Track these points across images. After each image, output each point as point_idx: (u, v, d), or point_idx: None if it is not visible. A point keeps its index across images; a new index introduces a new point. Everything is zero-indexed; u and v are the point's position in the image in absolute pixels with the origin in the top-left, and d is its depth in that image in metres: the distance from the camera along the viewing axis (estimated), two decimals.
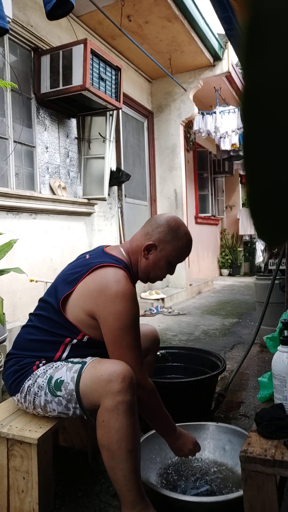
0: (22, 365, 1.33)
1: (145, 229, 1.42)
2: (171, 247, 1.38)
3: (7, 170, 3.41)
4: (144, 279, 1.44)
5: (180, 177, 6.01)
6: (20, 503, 1.27)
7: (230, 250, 9.26)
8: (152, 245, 1.37)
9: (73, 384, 1.21)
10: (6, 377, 1.37)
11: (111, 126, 4.23)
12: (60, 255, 3.87)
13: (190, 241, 1.43)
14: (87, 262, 1.35)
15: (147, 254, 1.38)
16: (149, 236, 1.38)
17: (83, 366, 1.24)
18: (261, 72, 0.23)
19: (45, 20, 3.71)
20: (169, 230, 1.38)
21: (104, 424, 1.14)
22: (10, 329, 2.92)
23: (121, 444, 1.13)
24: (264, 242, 0.30)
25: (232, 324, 4.15)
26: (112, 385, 1.14)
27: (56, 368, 1.28)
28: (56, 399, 1.24)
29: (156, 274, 1.42)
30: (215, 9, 1.85)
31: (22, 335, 1.41)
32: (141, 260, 1.40)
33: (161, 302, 5.09)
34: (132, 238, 1.46)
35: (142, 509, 1.15)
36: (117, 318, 1.22)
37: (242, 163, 1.11)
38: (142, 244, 1.39)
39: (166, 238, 1.37)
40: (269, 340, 1.41)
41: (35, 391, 1.27)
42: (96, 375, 1.18)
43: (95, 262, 1.32)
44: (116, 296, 1.22)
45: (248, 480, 1.01)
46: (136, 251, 1.41)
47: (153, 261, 1.39)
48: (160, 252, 1.38)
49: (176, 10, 4.31)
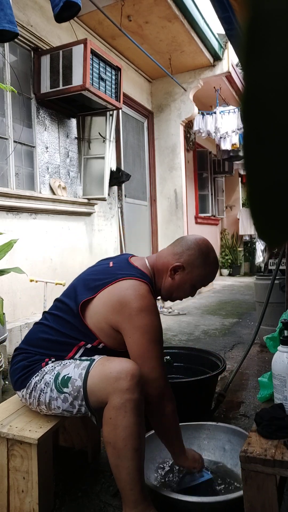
0: (31, 361, 1.32)
1: (174, 248, 1.40)
2: (199, 271, 1.38)
3: (7, 170, 3.41)
4: (166, 297, 1.44)
5: (180, 177, 6.01)
6: (20, 503, 1.27)
7: (230, 250, 9.26)
8: (180, 267, 1.36)
9: (80, 380, 1.21)
10: (13, 372, 1.36)
11: (111, 126, 4.23)
12: (60, 255, 3.87)
13: (217, 267, 1.44)
14: (112, 272, 1.34)
15: (174, 274, 1.38)
16: (179, 256, 1.37)
17: (91, 363, 1.24)
18: (261, 72, 0.23)
19: (45, 20, 3.71)
20: (200, 255, 1.37)
21: (111, 421, 1.14)
22: (10, 329, 2.92)
23: (127, 442, 1.13)
24: (264, 242, 0.30)
25: (232, 324, 4.15)
26: (121, 382, 1.14)
27: (64, 365, 1.27)
28: (62, 396, 1.24)
29: (179, 295, 1.43)
30: (215, 9, 1.85)
31: (35, 332, 1.40)
32: (166, 279, 1.39)
33: (161, 302, 5.09)
34: (159, 253, 1.44)
35: (143, 509, 1.15)
36: (144, 331, 1.22)
37: (242, 163, 1.12)
38: (169, 263, 1.38)
39: (196, 263, 1.37)
40: (269, 340, 1.41)
41: (42, 388, 1.27)
42: (104, 373, 1.18)
43: (121, 274, 1.30)
44: (141, 310, 1.23)
45: (248, 480, 1.01)
46: (161, 268, 1.39)
47: (178, 283, 1.38)
48: (187, 275, 1.37)
49: (176, 10, 4.31)
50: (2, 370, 2.09)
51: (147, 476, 1.35)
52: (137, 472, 1.15)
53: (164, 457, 1.54)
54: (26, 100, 3.65)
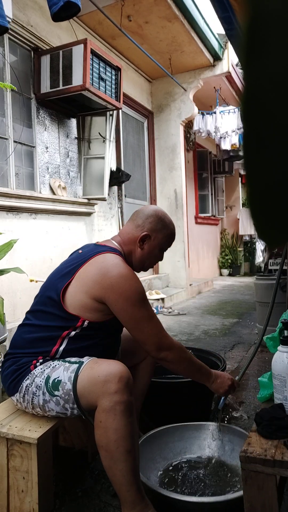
0: (20, 365, 1.33)
1: (134, 222, 1.49)
2: (162, 235, 1.48)
3: (7, 170, 3.41)
4: (139, 268, 1.51)
5: (180, 177, 6.01)
6: (20, 503, 1.27)
7: (230, 250, 9.26)
8: (147, 236, 1.46)
9: (70, 384, 1.22)
10: (4, 378, 1.37)
11: (111, 126, 4.23)
12: (60, 255, 3.87)
13: (174, 227, 1.55)
14: (82, 255, 1.40)
15: (143, 244, 1.47)
16: (141, 227, 1.46)
17: (80, 366, 1.24)
18: (261, 72, 0.23)
19: (45, 20, 3.71)
20: (159, 220, 1.48)
21: (102, 424, 1.15)
22: (10, 329, 2.92)
23: (119, 444, 1.13)
24: (264, 243, 0.30)
25: (232, 324, 4.15)
26: (109, 385, 1.15)
27: (53, 368, 1.28)
28: (54, 399, 1.24)
29: (151, 262, 1.52)
30: (215, 9, 1.85)
31: (18, 334, 1.42)
32: (136, 251, 1.47)
33: (161, 302, 5.09)
34: (121, 231, 1.52)
35: (142, 509, 1.15)
36: (127, 297, 1.27)
37: (242, 163, 1.11)
38: (135, 236, 1.46)
39: (157, 227, 1.47)
40: (269, 340, 1.41)
41: (33, 391, 1.27)
42: (93, 376, 1.19)
43: (90, 253, 1.36)
44: (120, 277, 1.28)
45: (248, 480, 1.01)
46: (128, 243, 1.47)
47: (148, 250, 1.47)
48: (154, 241, 1.47)
49: (176, 10, 4.31)
50: (1, 371, 2.08)
51: (147, 476, 1.35)
52: (132, 473, 1.15)
53: (165, 456, 1.55)
54: (26, 100, 3.65)
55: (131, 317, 1.29)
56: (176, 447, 1.59)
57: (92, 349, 1.34)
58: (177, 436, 1.60)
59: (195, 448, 1.59)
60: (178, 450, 1.58)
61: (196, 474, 1.48)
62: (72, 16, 2.50)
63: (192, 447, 1.60)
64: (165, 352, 1.31)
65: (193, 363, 1.39)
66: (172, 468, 1.51)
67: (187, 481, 1.44)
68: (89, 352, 1.33)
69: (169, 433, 1.59)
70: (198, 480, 1.44)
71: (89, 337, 1.35)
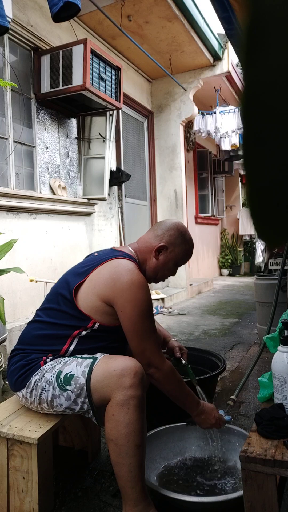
0: (29, 360, 1.33)
1: (155, 231, 1.49)
2: (180, 249, 1.48)
3: (7, 170, 3.41)
4: (152, 278, 1.51)
5: (180, 177, 6.01)
6: (20, 503, 1.27)
7: (230, 250, 9.26)
8: (164, 247, 1.45)
9: (84, 378, 1.22)
10: (11, 373, 1.36)
11: (111, 126, 4.23)
12: (60, 255, 3.87)
13: (193, 245, 1.54)
14: (99, 258, 1.41)
15: (158, 254, 1.46)
16: (160, 238, 1.46)
17: (94, 361, 1.25)
18: (261, 72, 0.23)
19: (45, 20, 3.71)
20: (179, 235, 1.47)
21: (114, 417, 1.15)
22: (10, 329, 2.92)
23: (130, 439, 1.14)
24: (264, 243, 0.30)
25: (232, 324, 4.15)
26: (124, 379, 1.16)
27: (65, 363, 1.28)
28: (65, 394, 1.24)
29: (164, 274, 1.51)
30: (215, 9, 1.84)
31: (29, 330, 1.41)
32: (151, 260, 1.47)
33: (161, 302, 5.09)
34: (140, 239, 1.52)
35: (144, 507, 1.15)
36: (135, 305, 1.27)
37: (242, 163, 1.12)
38: (152, 245, 1.46)
39: (176, 241, 1.47)
40: (269, 340, 1.41)
41: (43, 386, 1.27)
42: (108, 370, 1.20)
43: (105, 257, 1.38)
44: (131, 283, 1.28)
45: (248, 480, 1.01)
46: (145, 251, 1.47)
47: (162, 262, 1.47)
48: (170, 254, 1.47)
49: (176, 10, 4.31)
50: (2, 370, 2.09)
51: (148, 476, 1.35)
52: (139, 469, 1.15)
53: (164, 456, 1.55)
54: (26, 100, 3.65)
55: (134, 327, 1.28)
56: (176, 447, 1.59)
57: (101, 352, 1.33)
58: (177, 436, 1.60)
59: (195, 448, 1.60)
60: (178, 450, 1.58)
61: (196, 474, 1.48)
62: (72, 16, 2.50)
63: (191, 447, 1.60)
64: (153, 369, 1.30)
65: (181, 389, 1.35)
66: (172, 468, 1.51)
67: (187, 481, 1.44)
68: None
69: (169, 433, 1.59)
70: (198, 480, 1.44)
71: (99, 339, 1.35)
